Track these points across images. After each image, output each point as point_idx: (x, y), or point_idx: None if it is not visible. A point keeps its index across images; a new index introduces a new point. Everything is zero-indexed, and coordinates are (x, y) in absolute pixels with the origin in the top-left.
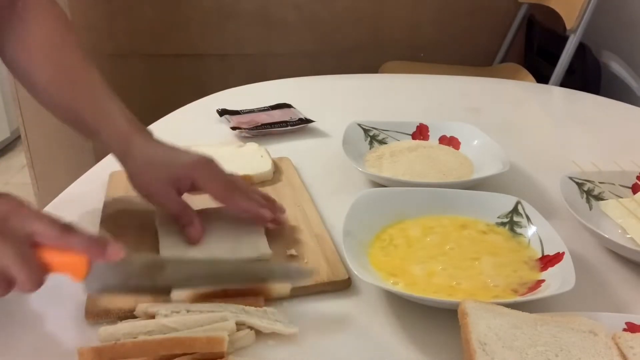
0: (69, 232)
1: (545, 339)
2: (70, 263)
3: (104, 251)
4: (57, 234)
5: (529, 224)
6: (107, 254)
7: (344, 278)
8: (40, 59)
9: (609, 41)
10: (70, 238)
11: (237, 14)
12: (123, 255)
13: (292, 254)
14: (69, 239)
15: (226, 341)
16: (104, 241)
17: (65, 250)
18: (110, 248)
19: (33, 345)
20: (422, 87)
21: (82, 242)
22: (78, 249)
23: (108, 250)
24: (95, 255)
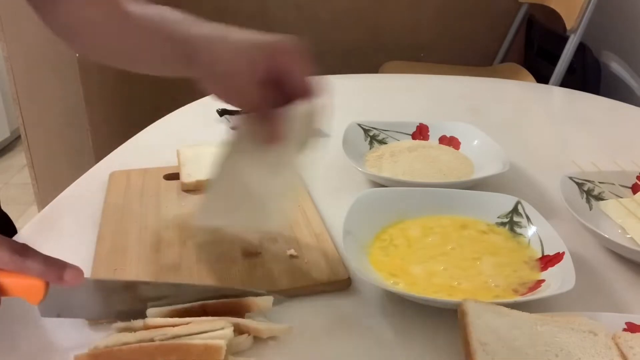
0: (23, 255)
1: (545, 339)
2: (25, 286)
3: (61, 275)
4: (9, 258)
5: (529, 224)
6: (64, 279)
7: (344, 278)
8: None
9: (609, 41)
10: (25, 262)
11: (237, 14)
12: (81, 279)
13: (292, 253)
14: (23, 262)
15: (223, 349)
16: (61, 264)
17: (20, 274)
18: (68, 272)
19: (32, 346)
20: (422, 87)
21: (36, 265)
22: (33, 274)
23: (65, 276)
24: (52, 280)
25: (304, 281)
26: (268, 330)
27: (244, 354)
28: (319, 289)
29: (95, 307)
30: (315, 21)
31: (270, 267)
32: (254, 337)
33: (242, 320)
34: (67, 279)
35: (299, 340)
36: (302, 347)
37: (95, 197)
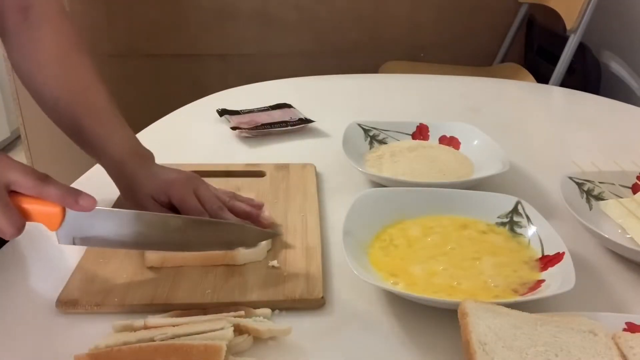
0: (45, 181)
1: (545, 339)
2: (45, 212)
3: (77, 200)
4: (33, 184)
5: (529, 224)
6: (80, 204)
7: (318, 297)
8: (49, 75)
9: (609, 41)
10: (46, 188)
11: (237, 14)
12: (94, 206)
13: (273, 265)
14: (44, 188)
15: (223, 351)
16: (77, 192)
17: (41, 199)
18: (83, 198)
19: (33, 346)
20: (422, 87)
21: (56, 191)
22: (52, 199)
23: (80, 201)
24: (69, 204)
25: (275, 295)
26: (268, 330)
27: (244, 354)
28: (289, 305)
29: (106, 237)
30: (315, 21)
31: (247, 276)
32: (254, 337)
33: (242, 320)
34: (82, 204)
35: (299, 341)
36: (302, 347)
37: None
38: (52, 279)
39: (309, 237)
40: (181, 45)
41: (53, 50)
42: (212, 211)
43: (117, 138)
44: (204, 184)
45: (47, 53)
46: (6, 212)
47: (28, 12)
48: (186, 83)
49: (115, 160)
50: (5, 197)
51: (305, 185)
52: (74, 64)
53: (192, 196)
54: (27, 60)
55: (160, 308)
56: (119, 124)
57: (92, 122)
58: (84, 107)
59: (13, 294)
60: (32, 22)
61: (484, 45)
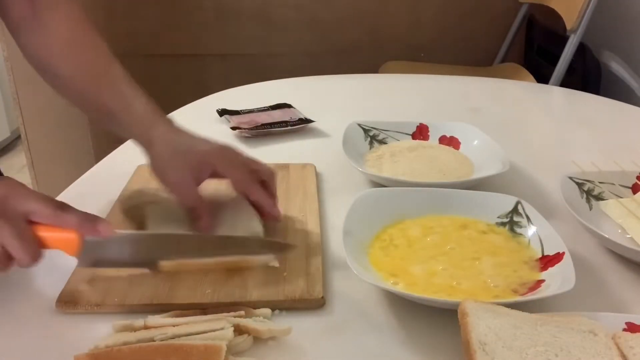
0: (63, 210)
1: (545, 339)
2: (63, 239)
3: (95, 227)
4: (51, 212)
5: (529, 224)
6: (97, 230)
7: (318, 297)
8: (62, 54)
9: (609, 41)
10: (64, 216)
11: (237, 14)
12: (112, 231)
13: (273, 264)
14: (62, 216)
15: (223, 351)
16: (94, 218)
17: (59, 227)
18: (101, 225)
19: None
20: (422, 87)
21: (74, 219)
22: (70, 226)
23: (98, 227)
24: (87, 231)
25: (275, 295)
26: (268, 330)
27: (244, 354)
28: (289, 305)
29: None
30: (315, 21)
31: (247, 276)
32: (254, 337)
33: (242, 320)
34: (100, 230)
35: (299, 341)
36: (302, 347)
37: (95, 198)
38: (52, 278)
39: (309, 237)
40: (181, 45)
41: (65, 32)
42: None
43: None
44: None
45: (60, 36)
46: (24, 243)
47: (36, 1)
48: (186, 83)
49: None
50: (23, 228)
51: (305, 185)
52: (88, 42)
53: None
54: (39, 46)
55: (160, 308)
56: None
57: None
58: (103, 81)
59: (13, 294)
60: (40, 8)
61: (484, 45)
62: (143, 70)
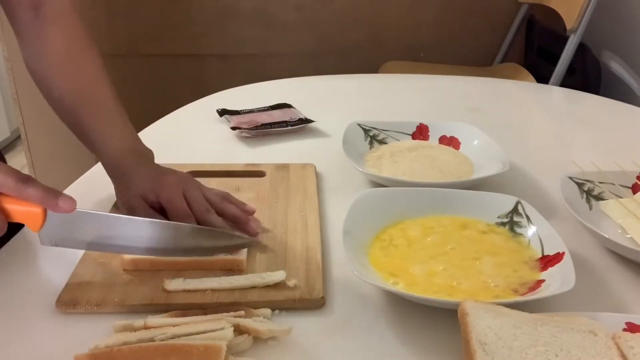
0: (26, 182)
1: (545, 339)
2: (26, 212)
3: (57, 202)
4: (13, 185)
5: (529, 224)
6: (59, 205)
7: (318, 297)
8: (57, 71)
9: (609, 41)
10: (26, 188)
11: (237, 14)
12: (74, 207)
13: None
14: (25, 189)
15: (223, 351)
16: (57, 193)
17: (22, 200)
18: (63, 200)
19: (32, 346)
20: (422, 87)
21: (37, 192)
22: (32, 199)
23: (60, 202)
24: (49, 205)
25: (275, 295)
26: (268, 330)
27: (244, 354)
28: (289, 305)
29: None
30: (315, 21)
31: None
32: (254, 337)
33: (242, 320)
34: (62, 205)
35: (299, 341)
36: (302, 347)
37: (95, 197)
38: (52, 278)
39: (309, 237)
40: (181, 45)
41: (61, 48)
42: (200, 213)
43: (116, 136)
44: (194, 185)
45: (56, 51)
46: None
47: (39, 10)
48: (186, 83)
49: (113, 157)
50: None
51: (305, 185)
52: (82, 62)
53: (181, 197)
54: (37, 57)
55: (160, 308)
56: (120, 121)
57: (93, 119)
58: (86, 104)
59: (13, 294)
60: (42, 19)
61: (484, 45)
62: (143, 70)
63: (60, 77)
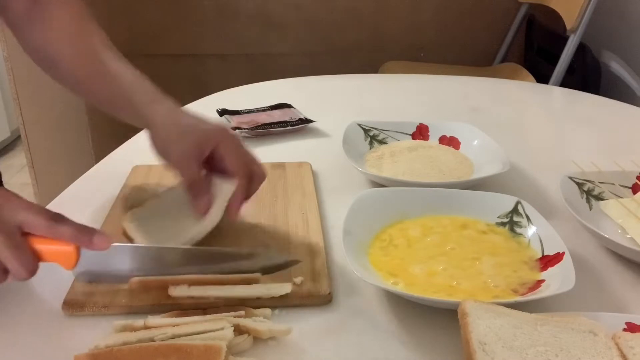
0: (58, 221)
1: (545, 339)
2: (59, 252)
3: (92, 240)
4: (45, 224)
5: (529, 224)
6: (94, 243)
7: (325, 293)
8: (63, 44)
9: (609, 41)
10: (59, 228)
11: (237, 14)
12: (110, 244)
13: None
14: (57, 228)
15: (224, 351)
16: (91, 230)
17: (54, 239)
18: (97, 237)
19: (32, 346)
20: (422, 87)
21: (70, 231)
22: (66, 238)
23: (95, 239)
24: (83, 244)
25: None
26: (268, 330)
27: (244, 354)
28: (297, 302)
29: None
30: (315, 21)
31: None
32: (254, 337)
33: (242, 320)
34: (96, 242)
35: (299, 341)
36: (302, 347)
37: (95, 197)
38: (54, 279)
39: (311, 235)
40: (181, 45)
41: (66, 25)
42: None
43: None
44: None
45: (61, 29)
46: (19, 256)
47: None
48: (186, 83)
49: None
50: (18, 240)
51: (303, 183)
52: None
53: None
54: (40, 38)
55: (169, 308)
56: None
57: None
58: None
59: (14, 294)
60: (42, 4)
61: (484, 45)
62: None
63: (68, 49)
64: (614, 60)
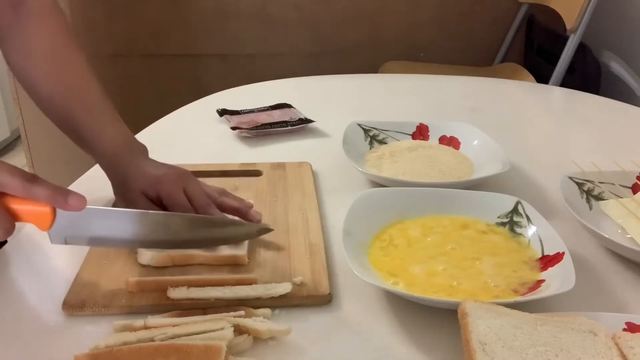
0: (33, 182)
1: (545, 339)
2: (35, 212)
3: (66, 200)
4: (21, 185)
5: (529, 224)
6: (69, 203)
7: (325, 294)
8: (43, 71)
9: (609, 41)
10: (34, 188)
11: (237, 14)
12: (84, 204)
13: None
14: (32, 189)
15: (224, 350)
16: (66, 191)
17: (30, 200)
18: (72, 197)
19: (32, 346)
20: (422, 87)
21: (44, 192)
22: (41, 199)
23: (70, 200)
24: (58, 204)
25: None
26: (268, 330)
27: (244, 354)
28: (297, 302)
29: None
30: (315, 21)
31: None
32: (254, 337)
33: (242, 320)
34: (72, 203)
35: (299, 341)
36: (302, 347)
37: (95, 197)
38: (54, 279)
39: (311, 235)
40: (181, 45)
41: (45, 46)
42: (200, 208)
43: (109, 132)
44: (193, 180)
45: (40, 49)
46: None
47: (20, 8)
48: (186, 83)
49: (108, 154)
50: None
51: (303, 183)
52: (66, 59)
53: (181, 193)
54: (19, 56)
55: (169, 308)
56: (112, 117)
57: (84, 117)
58: (76, 102)
59: (14, 294)
60: (23, 18)
61: (484, 45)
62: (143, 70)
63: (47, 76)
64: (614, 60)
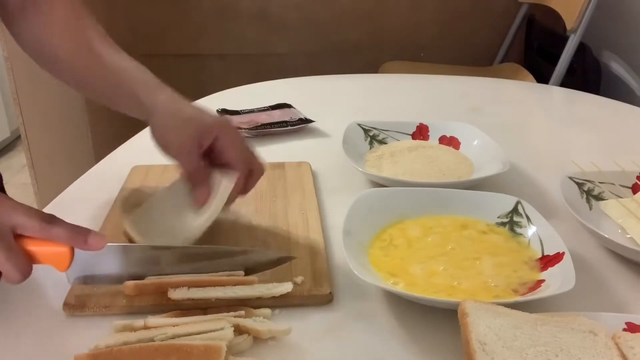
0: (51, 223)
1: (545, 339)
2: (53, 253)
3: (86, 240)
4: (39, 226)
5: (529, 224)
6: (89, 243)
7: (325, 293)
8: (61, 38)
9: (609, 41)
10: (53, 229)
11: (237, 14)
12: (104, 243)
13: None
14: (51, 230)
15: (224, 350)
16: (85, 230)
17: (48, 241)
18: (92, 237)
19: (32, 346)
20: (422, 87)
21: (63, 232)
22: (60, 239)
23: (90, 240)
24: (77, 244)
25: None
26: (268, 330)
27: (244, 354)
28: (298, 301)
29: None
30: (315, 21)
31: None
32: (254, 337)
33: (242, 320)
34: (91, 242)
35: (299, 341)
36: (302, 347)
37: (95, 197)
38: (54, 279)
39: (311, 235)
40: (181, 45)
41: (63, 18)
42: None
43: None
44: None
45: (58, 23)
46: (11, 257)
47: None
48: (186, 83)
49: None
50: (10, 241)
51: (303, 183)
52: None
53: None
54: (38, 33)
55: (169, 308)
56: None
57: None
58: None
59: (14, 294)
60: None
61: (484, 45)
62: None
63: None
64: (614, 60)
